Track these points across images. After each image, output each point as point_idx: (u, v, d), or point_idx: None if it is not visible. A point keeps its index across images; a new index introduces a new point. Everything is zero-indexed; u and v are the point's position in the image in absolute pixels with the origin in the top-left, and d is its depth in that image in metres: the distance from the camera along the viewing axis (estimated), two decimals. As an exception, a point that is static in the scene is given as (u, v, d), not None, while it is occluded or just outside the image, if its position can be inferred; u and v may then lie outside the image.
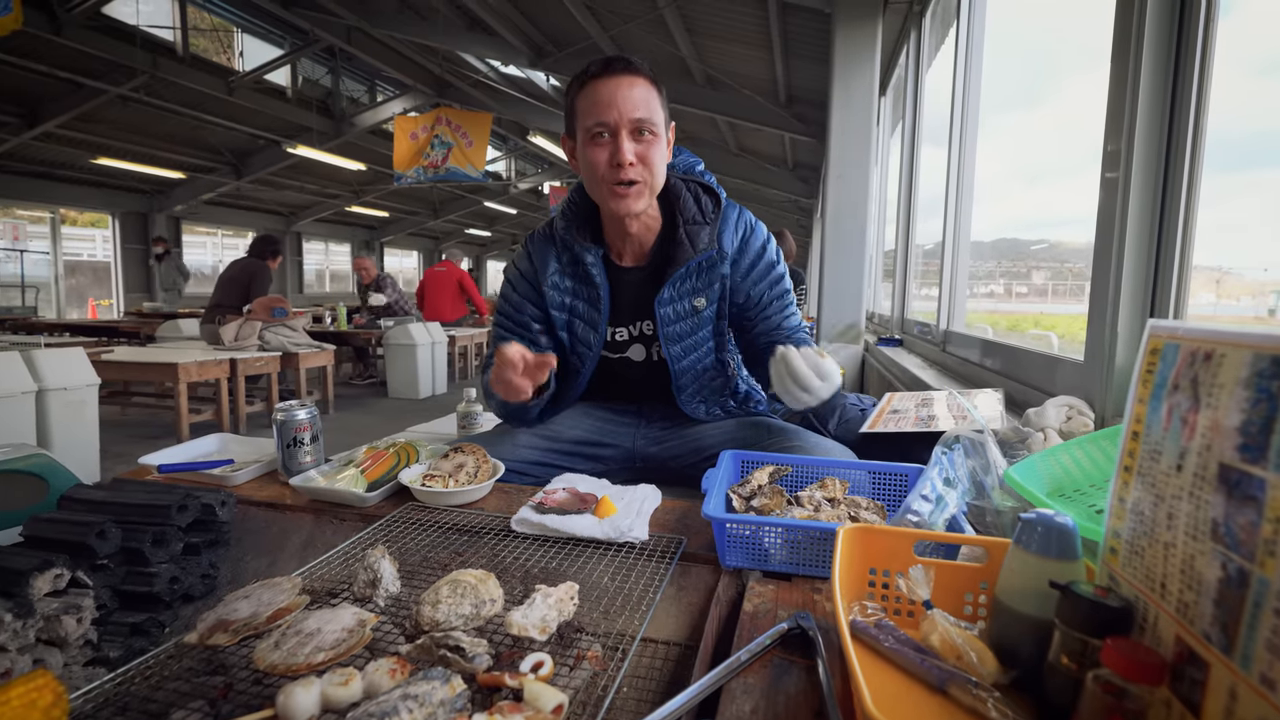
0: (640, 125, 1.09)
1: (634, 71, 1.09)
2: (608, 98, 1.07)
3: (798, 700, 0.53)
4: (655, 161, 1.12)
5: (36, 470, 0.98)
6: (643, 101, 1.08)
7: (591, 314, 1.27)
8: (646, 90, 1.09)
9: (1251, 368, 0.38)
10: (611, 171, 1.10)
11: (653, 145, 1.11)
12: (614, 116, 1.07)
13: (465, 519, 0.93)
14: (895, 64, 4.26)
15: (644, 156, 1.10)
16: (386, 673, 0.53)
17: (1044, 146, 3.43)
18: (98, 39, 7.14)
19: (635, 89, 1.08)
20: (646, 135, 1.10)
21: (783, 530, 0.75)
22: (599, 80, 1.09)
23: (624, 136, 1.08)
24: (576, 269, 1.27)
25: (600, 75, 1.09)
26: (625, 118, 1.07)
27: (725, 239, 1.22)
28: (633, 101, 1.07)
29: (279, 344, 4.81)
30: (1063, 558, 0.51)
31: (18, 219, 10.92)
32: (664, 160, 1.15)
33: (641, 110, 1.08)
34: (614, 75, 1.08)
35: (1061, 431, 1.06)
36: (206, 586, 0.80)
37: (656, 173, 1.13)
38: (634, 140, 1.09)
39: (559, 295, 1.28)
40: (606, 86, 1.08)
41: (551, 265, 1.27)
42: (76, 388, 3.23)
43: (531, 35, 6.78)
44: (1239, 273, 1.69)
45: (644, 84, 1.09)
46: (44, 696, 0.45)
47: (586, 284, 1.26)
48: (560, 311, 1.29)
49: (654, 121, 1.10)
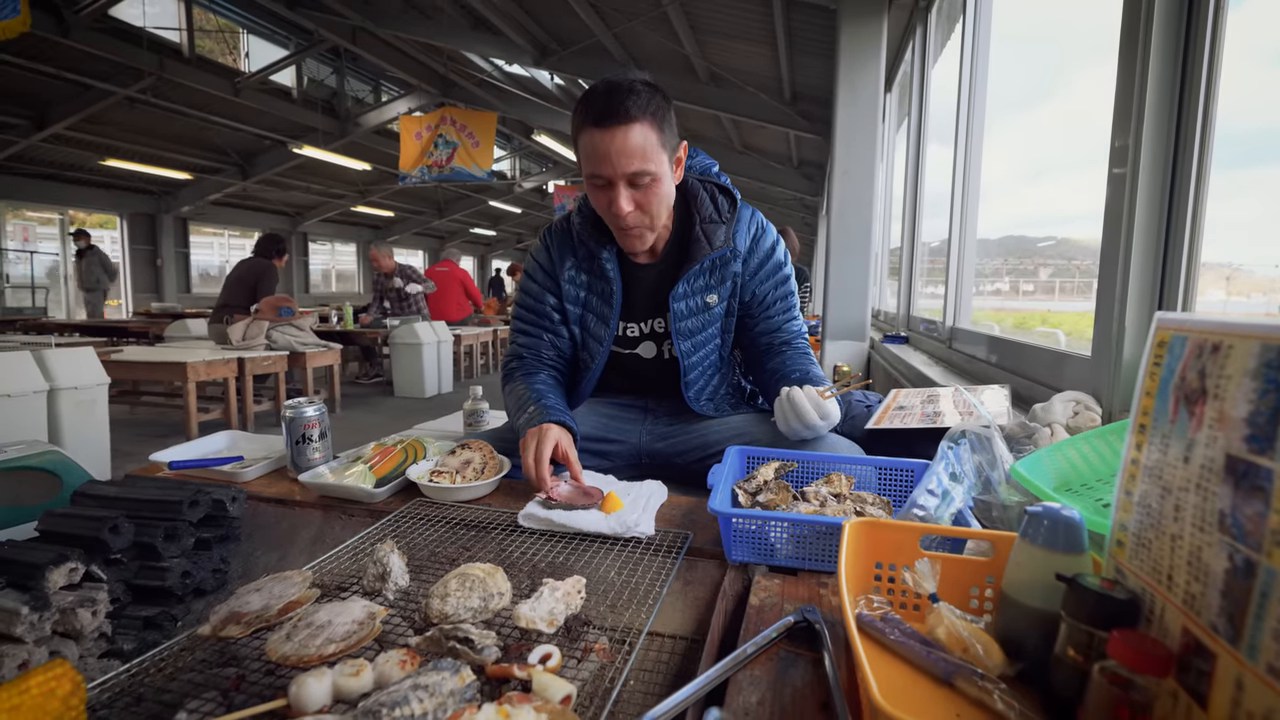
0: (636, 178, 1.08)
1: (630, 120, 1.05)
2: (603, 151, 1.06)
3: (804, 692, 0.53)
4: (654, 206, 1.14)
5: (50, 467, 0.99)
6: (639, 151, 1.06)
7: (604, 309, 1.29)
8: (644, 134, 1.06)
9: (1259, 358, 0.38)
10: (612, 217, 1.14)
11: (651, 192, 1.11)
12: (609, 171, 1.07)
13: (472, 514, 0.94)
14: (900, 60, 4.24)
15: (642, 203, 1.12)
16: (396, 664, 0.53)
17: (1052, 142, 3.41)
18: (105, 41, 7.19)
19: (631, 139, 1.05)
20: (644, 182, 1.10)
21: (789, 525, 0.75)
22: (596, 131, 1.06)
23: (620, 188, 1.09)
24: (592, 264, 1.29)
25: (596, 126, 1.06)
26: (620, 172, 1.07)
27: (739, 237, 1.25)
28: (628, 155, 1.06)
29: (286, 343, 4.83)
30: (1069, 551, 0.51)
31: (27, 220, 11.01)
32: (666, 198, 1.16)
33: (637, 162, 1.06)
34: (609, 128, 1.05)
35: (1068, 427, 1.06)
36: (218, 581, 0.81)
37: (657, 215, 1.16)
38: (631, 188, 1.10)
39: (574, 289, 1.31)
40: (602, 140, 1.06)
41: (568, 260, 1.30)
42: (87, 387, 3.26)
43: (536, 34, 6.79)
44: (1250, 269, 1.68)
45: (642, 129, 1.06)
46: (63, 685, 0.46)
47: (601, 279, 1.29)
48: (574, 306, 1.31)
49: (651, 170, 1.08)
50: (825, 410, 1.05)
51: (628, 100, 1.05)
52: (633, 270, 1.29)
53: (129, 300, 12.11)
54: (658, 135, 1.09)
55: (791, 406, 1.05)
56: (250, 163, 11.69)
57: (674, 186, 1.18)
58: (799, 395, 1.05)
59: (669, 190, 1.16)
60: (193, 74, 8.20)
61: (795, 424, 1.05)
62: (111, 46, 7.23)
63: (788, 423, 1.06)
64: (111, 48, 7.23)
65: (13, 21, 4.47)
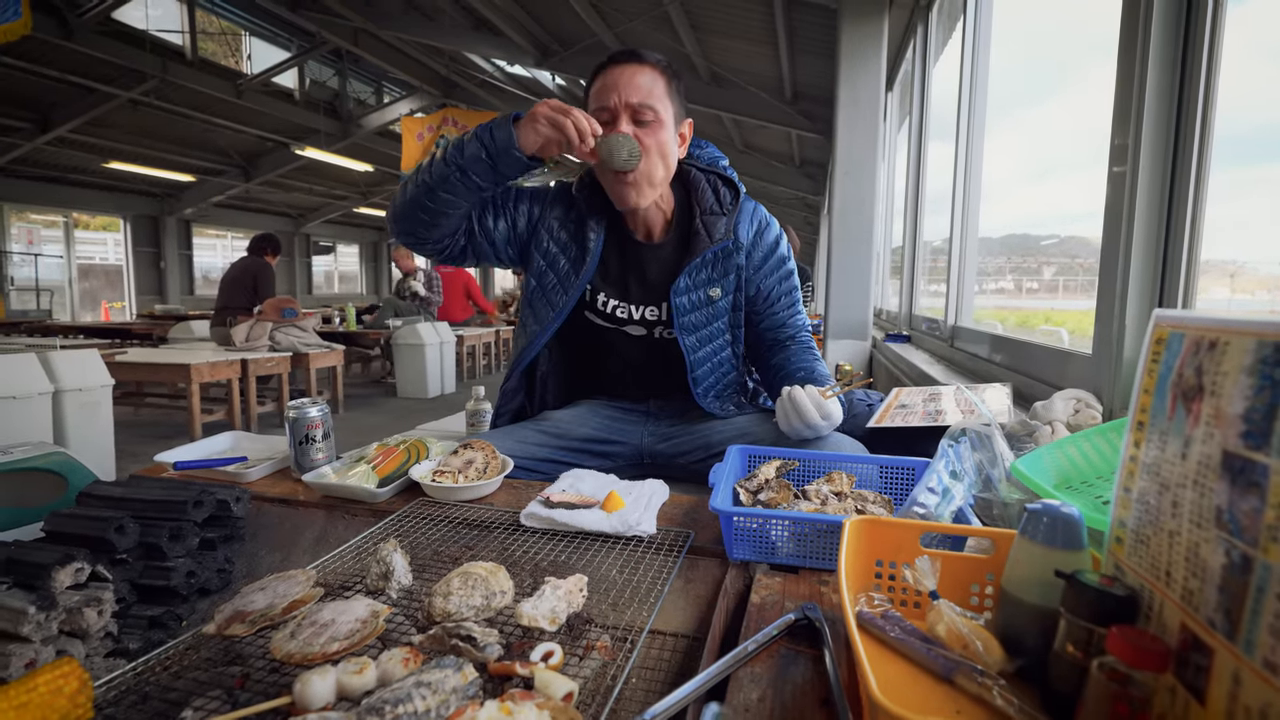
0: (640, 109, 1.11)
1: (641, 61, 1.13)
2: (611, 83, 1.12)
3: (805, 689, 0.53)
4: (654, 151, 1.13)
5: (56, 468, 1.00)
6: (645, 87, 1.11)
7: (569, 275, 1.26)
8: (652, 77, 1.12)
9: (1255, 355, 0.38)
10: None
11: (653, 130, 1.12)
12: (614, 100, 1.11)
13: (475, 514, 0.94)
14: (902, 59, 4.24)
15: (641, 140, 1.12)
16: (400, 662, 0.54)
17: (1054, 140, 3.41)
18: (108, 44, 7.21)
19: (640, 75, 1.11)
20: (648, 119, 1.12)
21: (789, 523, 0.75)
22: (607, 69, 1.14)
23: (623, 120, 1.11)
24: (578, 230, 1.27)
25: (608, 65, 1.14)
26: (624, 101, 1.11)
27: (741, 230, 1.24)
28: (633, 86, 1.11)
29: (289, 344, 4.85)
30: (1068, 547, 0.51)
31: (32, 223, 11.05)
32: (670, 150, 1.16)
33: (641, 95, 1.11)
34: (620, 64, 1.13)
35: (1069, 424, 1.06)
36: (222, 580, 0.81)
37: (654, 167, 1.14)
38: (633, 124, 1.12)
39: (548, 240, 1.28)
40: (611, 74, 1.13)
41: (557, 210, 1.29)
42: (91, 388, 3.27)
43: (537, 35, 6.79)
44: (1253, 267, 1.68)
45: (650, 72, 1.13)
46: (70, 683, 0.47)
47: (579, 245, 1.26)
48: (541, 257, 1.28)
49: (654, 106, 1.12)
50: (827, 410, 1.05)
51: (642, 51, 1.14)
52: (632, 250, 1.27)
53: (132, 302, 12.16)
54: (666, 85, 1.14)
55: (793, 406, 1.05)
56: (253, 164, 11.73)
57: (676, 151, 1.19)
58: (800, 395, 1.05)
59: (670, 144, 1.16)
60: (195, 76, 8.22)
61: (797, 424, 1.05)
62: (114, 49, 7.26)
63: (789, 422, 1.06)
64: (114, 51, 7.26)
65: (14, 24, 4.49)
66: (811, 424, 1.04)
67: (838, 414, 1.07)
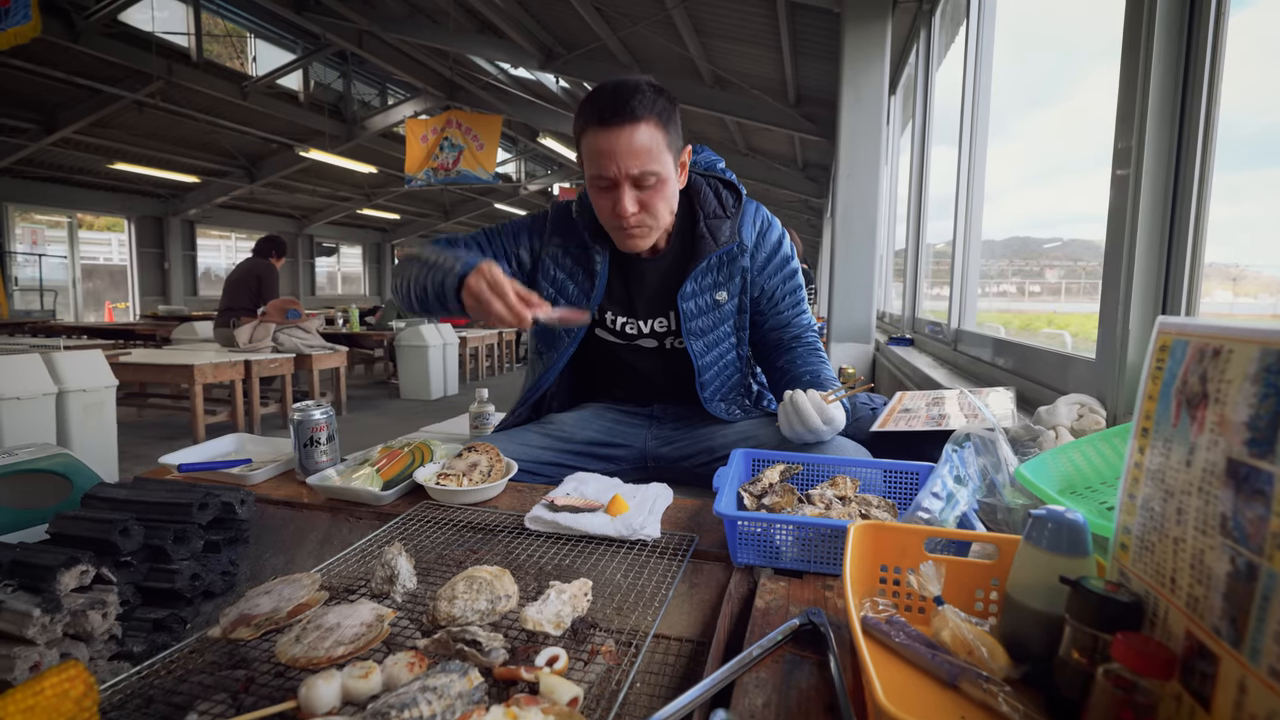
0: (641, 178, 1.07)
1: (635, 119, 1.04)
2: (608, 151, 1.05)
3: (809, 694, 0.53)
4: (659, 207, 1.12)
5: (61, 470, 1.00)
6: (644, 151, 1.05)
7: (580, 301, 1.26)
8: (650, 134, 1.06)
9: (1260, 363, 0.38)
10: (615, 219, 1.12)
11: (656, 192, 1.10)
12: (613, 171, 1.06)
13: (479, 517, 0.95)
14: (905, 63, 4.24)
15: (646, 204, 1.11)
16: (405, 666, 0.54)
17: (1057, 143, 3.40)
18: (114, 46, 7.26)
19: (637, 139, 1.04)
20: (650, 184, 1.09)
21: (794, 528, 0.75)
22: (601, 131, 1.05)
23: (625, 189, 1.08)
24: (581, 254, 1.27)
25: (601, 125, 1.05)
26: (624, 173, 1.06)
27: (745, 232, 1.24)
28: (633, 154, 1.05)
29: (293, 346, 4.86)
30: (1073, 553, 0.51)
31: (36, 224, 11.09)
32: (671, 199, 1.15)
33: (642, 162, 1.06)
34: (614, 127, 1.04)
35: (1073, 429, 1.06)
36: (226, 583, 0.81)
37: (661, 216, 1.14)
38: (636, 189, 1.09)
39: (554, 268, 1.28)
40: (607, 139, 1.05)
41: (557, 238, 1.28)
42: (95, 389, 3.28)
43: (541, 38, 6.81)
44: (1256, 270, 1.67)
45: (647, 129, 1.05)
46: (76, 687, 0.47)
47: (585, 271, 1.26)
48: (549, 285, 1.28)
49: (656, 171, 1.08)
50: (829, 414, 1.05)
51: (633, 100, 1.04)
52: (635, 266, 1.27)
53: (136, 303, 12.19)
54: (664, 136, 1.08)
55: (795, 410, 1.05)
56: (257, 166, 11.77)
57: (678, 188, 1.17)
58: (802, 399, 1.05)
59: (673, 192, 1.15)
60: (200, 78, 8.26)
61: (799, 428, 1.05)
62: (120, 51, 7.30)
63: (791, 427, 1.06)
64: (120, 53, 7.30)
65: (24, 27, 4.53)
66: (813, 428, 1.04)
67: (840, 418, 1.06)
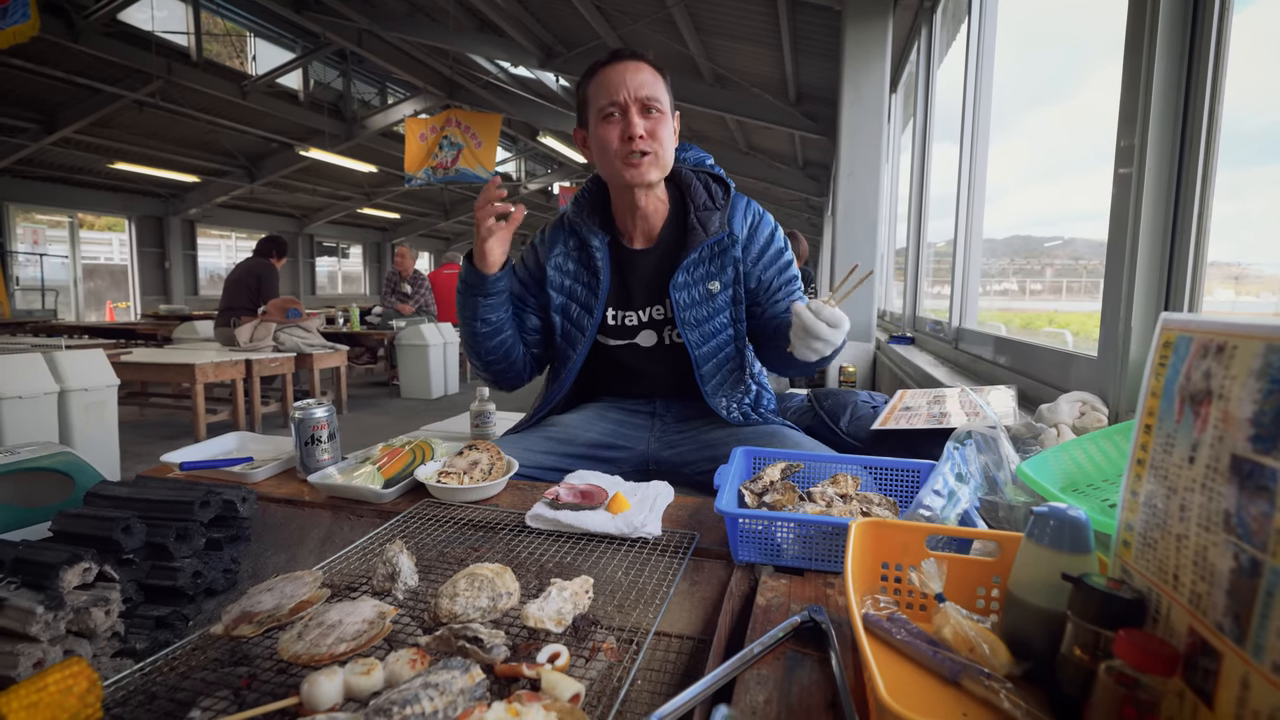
0: (648, 103, 1.17)
1: (639, 58, 1.20)
2: (617, 80, 1.17)
3: (811, 691, 0.54)
4: (664, 137, 1.20)
5: (63, 468, 1.00)
6: (649, 82, 1.18)
7: (589, 299, 1.31)
8: (652, 75, 1.19)
9: (1264, 359, 0.38)
10: (624, 145, 1.18)
11: (660, 122, 1.19)
12: (623, 95, 1.16)
13: (480, 515, 0.95)
14: (906, 61, 4.23)
15: (653, 131, 1.19)
16: (407, 663, 0.54)
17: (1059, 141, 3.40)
18: (114, 45, 7.25)
19: (641, 72, 1.18)
20: (654, 112, 1.18)
21: (795, 525, 0.75)
22: (608, 67, 1.19)
23: (634, 113, 1.17)
24: (582, 253, 1.32)
25: (609, 63, 1.20)
26: (634, 95, 1.16)
27: (735, 223, 1.27)
28: (639, 81, 1.17)
29: (293, 345, 4.86)
30: (1075, 550, 0.51)
31: (37, 223, 11.09)
32: (671, 139, 1.23)
33: (648, 89, 1.18)
34: (621, 61, 1.19)
35: (1075, 427, 1.06)
36: (228, 581, 0.81)
37: (665, 147, 1.21)
38: (643, 116, 1.18)
39: (559, 276, 1.33)
40: (615, 71, 1.18)
41: (558, 248, 1.34)
42: (97, 388, 3.29)
43: (541, 36, 6.81)
44: (1259, 268, 1.67)
45: (650, 69, 1.20)
46: (79, 683, 0.47)
47: (588, 268, 1.31)
48: (558, 293, 1.33)
49: (660, 100, 1.19)
50: (834, 317, 1.03)
51: (634, 50, 1.22)
52: (629, 257, 1.31)
53: (137, 303, 12.20)
54: (663, 83, 1.21)
55: (799, 324, 1.04)
56: (257, 165, 11.76)
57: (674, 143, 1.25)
58: (802, 309, 1.04)
59: (673, 135, 1.24)
60: (200, 78, 8.25)
61: (811, 341, 1.04)
62: (120, 51, 7.30)
63: (802, 339, 1.05)
64: (120, 52, 7.30)
65: (23, 26, 4.52)
66: (820, 335, 1.03)
67: (845, 321, 1.05)
